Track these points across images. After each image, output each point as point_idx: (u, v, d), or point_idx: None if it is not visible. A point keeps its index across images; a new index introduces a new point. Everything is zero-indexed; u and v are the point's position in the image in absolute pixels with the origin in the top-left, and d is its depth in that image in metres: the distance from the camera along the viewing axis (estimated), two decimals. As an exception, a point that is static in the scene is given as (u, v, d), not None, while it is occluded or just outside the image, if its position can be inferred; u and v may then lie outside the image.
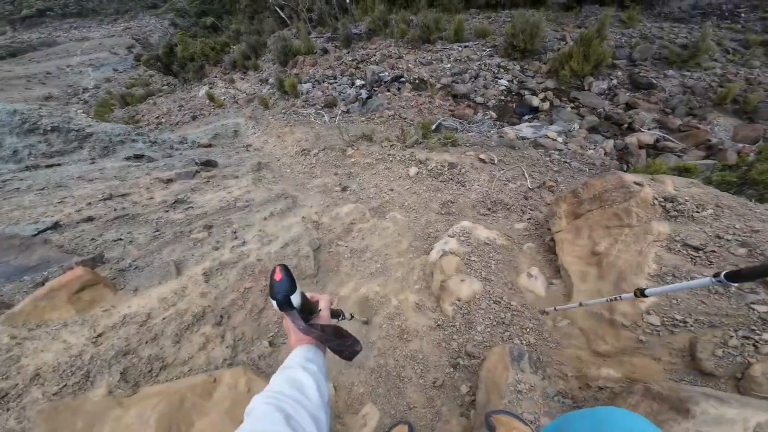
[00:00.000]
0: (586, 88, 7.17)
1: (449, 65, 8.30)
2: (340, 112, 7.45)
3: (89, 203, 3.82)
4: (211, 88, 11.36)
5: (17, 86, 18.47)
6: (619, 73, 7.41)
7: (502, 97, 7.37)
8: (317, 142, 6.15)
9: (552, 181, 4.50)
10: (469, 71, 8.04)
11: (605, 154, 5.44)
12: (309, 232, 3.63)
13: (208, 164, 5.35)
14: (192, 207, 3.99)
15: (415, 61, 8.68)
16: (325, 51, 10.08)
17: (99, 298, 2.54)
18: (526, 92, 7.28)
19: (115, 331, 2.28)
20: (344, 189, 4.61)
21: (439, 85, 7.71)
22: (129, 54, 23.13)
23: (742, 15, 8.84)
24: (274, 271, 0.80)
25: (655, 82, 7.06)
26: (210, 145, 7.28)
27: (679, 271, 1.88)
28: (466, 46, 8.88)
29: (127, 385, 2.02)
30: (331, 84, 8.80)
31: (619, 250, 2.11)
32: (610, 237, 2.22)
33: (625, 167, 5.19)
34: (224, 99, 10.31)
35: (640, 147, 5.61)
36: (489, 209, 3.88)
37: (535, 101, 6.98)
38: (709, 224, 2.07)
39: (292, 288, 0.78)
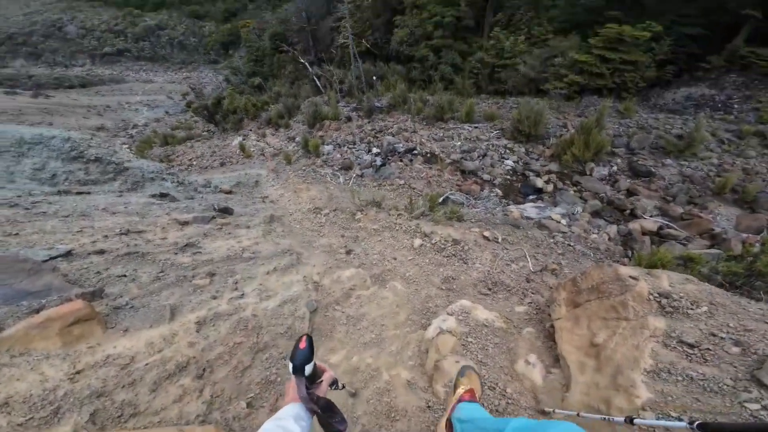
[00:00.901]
0: (588, 173, 7.60)
1: (459, 143, 9.03)
2: (354, 175, 7.97)
3: (106, 236, 3.97)
4: (244, 139, 12.68)
5: (77, 114, 20.42)
6: (619, 160, 7.93)
7: (508, 177, 7.81)
8: (330, 203, 6.40)
9: (555, 264, 4.48)
10: (478, 150, 8.72)
11: (609, 239, 5.47)
12: (308, 292, 3.63)
13: (225, 211, 5.60)
14: (200, 252, 4.10)
15: (428, 136, 9.58)
16: (349, 119, 11.33)
17: (88, 333, 2.54)
18: (531, 173, 7.72)
19: (95, 371, 2.26)
20: (349, 252, 4.64)
21: (448, 161, 8.30)
22: (183, 100, 25.39)
23: (735, 106, 9.30)
24: (300, 338, 0.95)
25: (653, 170, 7.47)
26: (231, 192, 7.78)
27: (674, 367, 1.91)
28: (476, 127, 9.75)
29: (94, 427, 1.97)
30: (350, 149, 9.66)
31: (616, 343, 2.16)
32: (608, 329, 2.27)
33: (630, 253, 5.22)
34: (253, 150, 11.39)
35: (644, 234, 5.69)
36: (490, 289, 3.82)
37: (539, 182, 7.34)
38: (703, 321, 2.11)
39: (310, 358, 0.92)
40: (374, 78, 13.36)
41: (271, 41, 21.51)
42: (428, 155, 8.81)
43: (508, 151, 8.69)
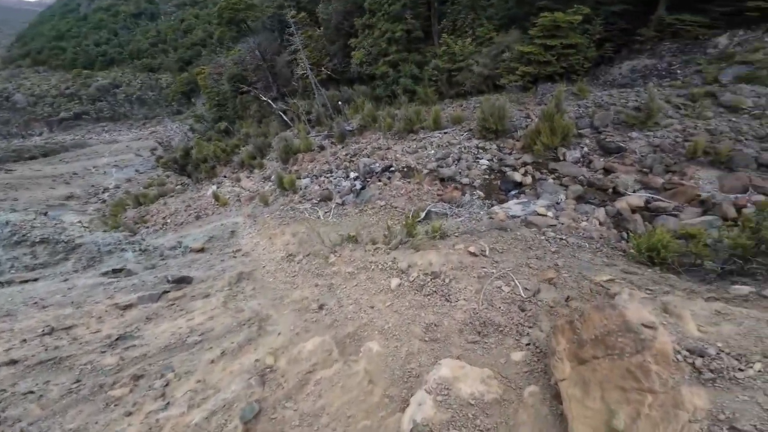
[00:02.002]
0: (561, 158, 7.32)
1: (433, 151, 8.62)
2: (334, 205, 7.44)
3: (24, 339, 3.43)
4: (218, 187, 11.94)
5: (42, 185, 19.00)
6: (587, 141, 7.73)
7: (486, 176, 7.43)
8: (303, 246, 5.81)
9: (552, 269, 3.91)
10: (452, 155, 8.33)
11: (600, 224, 5.13)
12: (252, 390, 2.89)
13: (182, 282, 4.94)
14: (134, 345, 3.48)
15: (402, 150, 9.15)
16: (322, 147, 10.80)
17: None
18: (507, 168, 7.38)
19: None
20: (321, 307, 4.04)
21: (425, 171, 7.86)
22: (152, 156, 24.50)
23: (678, 71, 9.24)
24: None
25: (623, 145, 7.29)
26: (202, 249, 7.00)
27: None
28: (445, 133, 9.40)
29: None
30: (327, 177, 9.09)
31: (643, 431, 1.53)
32: (629, 405, 1.66)
33: (625, 236, 4.89)
34: (229, 197, 10.64)
35: (633, 211, 5.38)
36: (479, 333, 3.15)
37: (518, 176, 7.02)
38: (761, 391, 1.47)
39: None
40: (339, 102, 12.96)
41: (231, 83, 20.77)
42: (405, 170, 8.39)
43: (480, 150, 8.38)
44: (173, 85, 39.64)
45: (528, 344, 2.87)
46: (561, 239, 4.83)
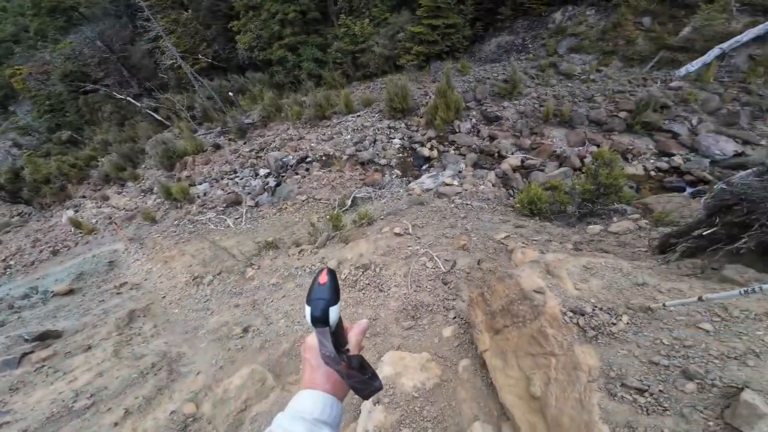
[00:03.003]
0: (457, 130, 7.72)
1: (349, 136, 7.93)
2: (245, 209, 6.12)
3: None
4: (77, 211, 8.92)
5: None
6: (474, 113, 8.39)
7: (400, 155, 7.21)
8: (210, 265, 4.66)
9: (463, 236, 4.02)
10: (368, 137, 7.74)
11: (493, 185, 5.50)
12: None
13: (46, 337, 3.54)
14: (8, 422, 2.49)
15: (317, 138, 8.15)
16: (218, 146, 8.81)
17: None
18: (417, 145, 7.27)
19: None
20: (246, 330, 3.36)
21: (345, 157, 7.16)
22: None
23: (530, 46, 10.28)
24: (320, 272, 0.60)
25: (500, 114, 8.20)
26: (71, 291, 5.08)
27: (635, 430, 1.29)
28: (358, 116, 8.69)
29: None
30: (231, 179, 7.42)
31: (557, 397, 1.58)
32: (540, 370, 1.74)
33: (512, 192, 5.64)
34: (96, 222, 8.04)
35: (514, 171, 6.13)
36: (413, 317, 3.09)
37: (426, 151, 7.00)
38: (634, 343, 1.56)
39: (335, 298, 0.57)
40: (230, 93, 10.85)
41: (65, 83, 14.91)
42: (323, 158, 7.70)
43: (392, 130, 8.24)
44: (-24, 94, 26.86)
45: (455, 317, 2.89)
46: (467, 204, 5.09)
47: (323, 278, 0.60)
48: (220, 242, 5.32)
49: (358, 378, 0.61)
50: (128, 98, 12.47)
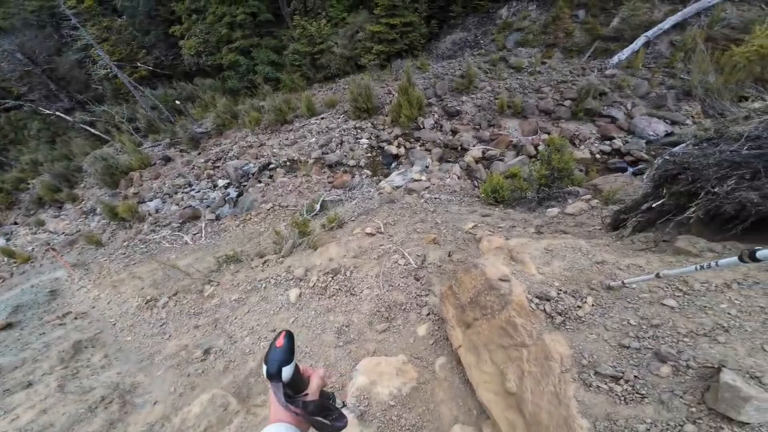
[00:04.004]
0: (422, 126, 7.73)
1: (314, 139, 7.59)
2: (205, 223, 5.63)
3: None
4: (8, 239, 7.68)
5: None
6: (436, 108, 8.46)
7: (369, 154, 7.03)
8: (164, 286, 4.22)
9: (435, 229, 3.99)
10: (334, 139, 7.44)
11: (458, 178, 5.57)
12: None
13: None
14: None
15: (279, 143, 7.68)
16: (168, 159, 7.98)
17: None
18: (384, 144, 7.17)
19: None
20: (207, 352, 3.05)
21: (311, 161, 6.84)
22: None
23: (481, 41, 10.52)
24: (278, 335, 0.72)
25: (459, 108, 8.36)
26: (8, 326, 4.45)
27: (615, 422, 1.21)
28: (322, 118, 8.34)
29: None
30: (186, 193, 6.78)
31: (532, 391, 1.50)
32: (512, 363, 1.65)
33: (476, 183, 5.76)
34: (33, 249, 7.00)
35: (477, 162, 6.28)
36: (386, 318, 2.95)
37: (393, 149, 6.89)
38: (602, 326, 1.48)
39: (288, 359, 0.69)
40: (177, 102, 9.89)
41: None
42: (288, 163, 7.29)
43: (358, 130, 8.02)
44: None
45: (428, 314, 2.80)
46: (435, 198, 5.08)
47: (280, 342, 0.70)
48: (175, 261, 4.80)
49: (316, 419, 0.69)
50: (57, 113, 10.92)
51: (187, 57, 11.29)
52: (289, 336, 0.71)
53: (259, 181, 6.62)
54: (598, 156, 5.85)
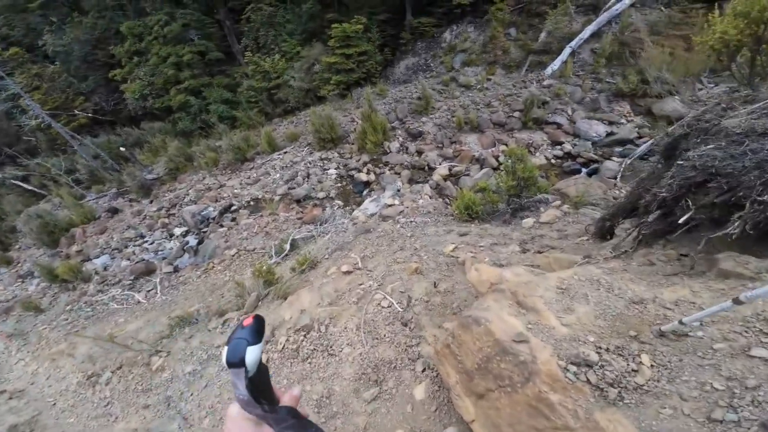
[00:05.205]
0: (388, 151, 7.74)
1: (278, 174, 7.19)
2: (160, 278, 4.96)
3: None
4: None
5: None
6: (400, 131, 8.54)
7: (339, 184, 6.78)
8: (106, 359, 3.58)
9: (415, 256, 3.71)
10: (300, 173, 7.12)
11: (430, 197, 5.53)
12: None
13: None
14: None
15: (240, 183, 7.12)
16: (115, 211, 7.11)
17: None
18: (354, 171, 6.97)
19: None
20: None
21: (277, 198, 6.40)
22: None
23: (431, 64, 11.04)
24: (246, 316, 0.56)
25: (421, 129, 8.52)
26: None
27: None
28: (285, 152, 8.03)
29: None
30: (139, 246, 6.05)
31: None
32: None
33: (447, 201, 5.64)
34: None
35: (445, 179, 6.28)
36: (376, 382, 2.49)
37: (363, 176, 6.70)
38: (676, 396, 1.11)
39: (255, 339, 0.51)
40: (122, 149, 9.00)
41: None
42: (252, 203, 6.74)
43: (325, 161, 7.76)
44: None
45: (424, 370, 2.40)
46: (411, 221, 4.91)
47: (247, 321, 0.54)
48: (124, 325, 4.03)
49: (285, 424, 0.52)
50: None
51: (131, 101, 10.52)
52: (258, 318, 0.56)
53: (221, 226, 6.00)
54: (553, 161, 6.14)
